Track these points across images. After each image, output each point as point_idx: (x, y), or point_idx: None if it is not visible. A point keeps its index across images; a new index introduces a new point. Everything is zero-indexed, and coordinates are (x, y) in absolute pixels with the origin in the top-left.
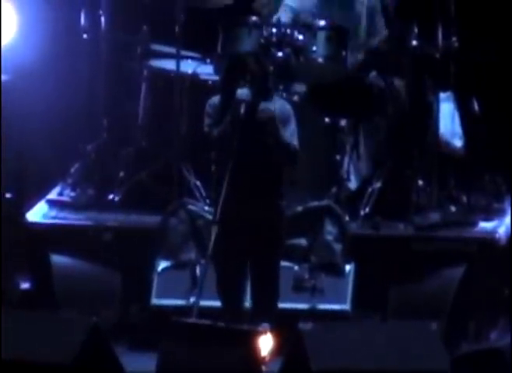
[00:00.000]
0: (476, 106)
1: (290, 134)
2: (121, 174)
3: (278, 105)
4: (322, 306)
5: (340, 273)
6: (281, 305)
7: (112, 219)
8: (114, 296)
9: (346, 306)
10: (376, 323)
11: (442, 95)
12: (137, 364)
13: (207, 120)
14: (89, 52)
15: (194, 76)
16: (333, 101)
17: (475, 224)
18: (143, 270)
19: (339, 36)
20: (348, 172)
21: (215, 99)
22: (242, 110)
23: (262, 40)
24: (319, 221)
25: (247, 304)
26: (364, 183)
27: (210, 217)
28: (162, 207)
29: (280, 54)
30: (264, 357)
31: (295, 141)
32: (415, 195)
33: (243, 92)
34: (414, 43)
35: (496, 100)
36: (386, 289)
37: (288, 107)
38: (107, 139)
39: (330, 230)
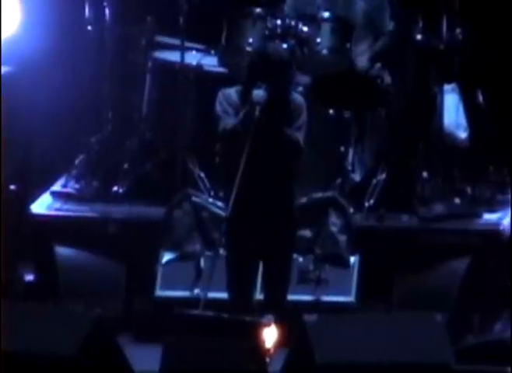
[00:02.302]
0: (481, 98)
1: (296, 129)
2: (126, 166)
3: (291, 101)
4: (327, 298)
5: (345, 264)
6: None
7: (116, 211)
8: (119, 288)
9: (351, 298)
10: (381, 315)
11: (446, 86)
12: (141, 355)
13: (218, 107)
14: (93, 44)
15: (199, 68)
16: (337, 93)
17: (479, 215)
18: (147, 262)
19: (344, 28)
20: (352, 164)
21: (230, 91)
22: (256, 113)
23: (267, 32)
24: (323, 212)
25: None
26: (369, 174)
27: (214, 208)
28: (166, 199)
29: (285, 45)
30: (268, 349)
31: (300, 138)
32: (419, 187)
33: (258, 94)
34: (418, 34)
35: (500, 91)
36: (390, 281)
37: (300, 100)
38: (112, 131)
39: (334, 221)
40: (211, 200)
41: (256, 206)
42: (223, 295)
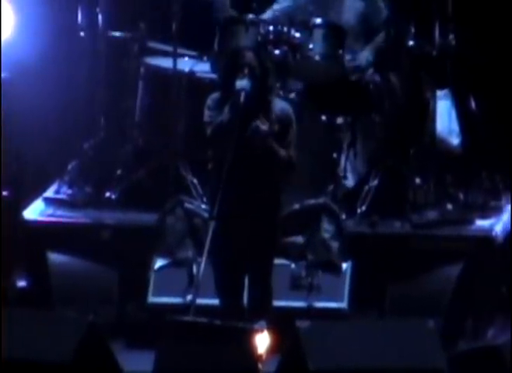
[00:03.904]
0: (473, 104)
1: (287, 144)
2: (119, 172)
3: (279, 108)
4: (319, 304)
5: (337, 271)
6: (278, 303)
7: (109, 217)
8: (111, 294)
9: (343, 304)
10: (374, 321)
11: (439, 92)
12: (134, 362)
13: (207, 112)
14: (86, 50)
15: (191, 74)
16: (330, 99)
17: (472, 221)
18: (140, 268)
19: (336, 34)
20: (345, 170)
21: (217, 94)
22: (242, 99)
23: (259, 38)
24: (316, 218)
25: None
26: (361, 180)
27: (207, 215)
28: (159, 205)
29: (277, 51)
30: (261, 355)
31: (291, 152)
32: (412, 193)
33: (242, 83)
34: (411, 40)
35: (492, 97)
36: (383, 287)
37: (289, 111)
38: (104, 137)
39: (327, 228)
40: (203, 206)
41: (240, 210)
42: (216, 301)
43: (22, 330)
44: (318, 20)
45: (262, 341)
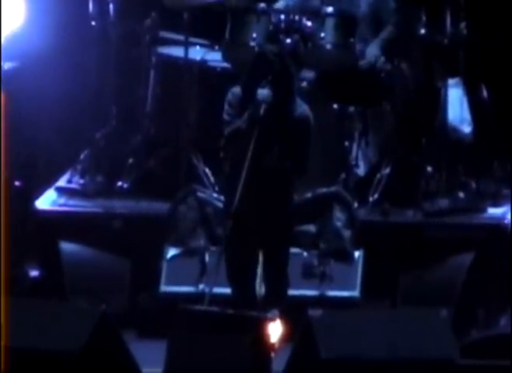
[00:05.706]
0: (485, 92)
1: (302, 150)
2: (130, 161)
3: (298, 112)
4: (331, 293)
5: (349, 259)
6: (290, 292)
7: (121, 206)
8: (123, 283)
9: (355, 293)
10: (386, 310)
11: (450, 81)
12: (146, 351)
13: (226, 108)
14: (97, 39)
15: (203, 63)
16: (341, 87)
17: (484, 210)
18: (152, 258)
19: (347, 23)
20: (356, 159)
21: (238, 89)
22: (261, 111)
23: (271, 27)
24: (328, 207)
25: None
26: (373, 169)
27: (219, 204)
28: (171, 194)
29: (288, 40)
30: (273, 344)
31: (304, 160)
32: (423, 181)
33: (263, 92)
34: (422, 29)
35: (504, 86)
36: (395, 276)
37: (307, 115)
38: (116, 126)
39: (339, 216)
40: (215, 195)
41: (254, 201)
42: (228, 291)
43: (35, 320)
44: (330, 9)
45: (274, 330)
